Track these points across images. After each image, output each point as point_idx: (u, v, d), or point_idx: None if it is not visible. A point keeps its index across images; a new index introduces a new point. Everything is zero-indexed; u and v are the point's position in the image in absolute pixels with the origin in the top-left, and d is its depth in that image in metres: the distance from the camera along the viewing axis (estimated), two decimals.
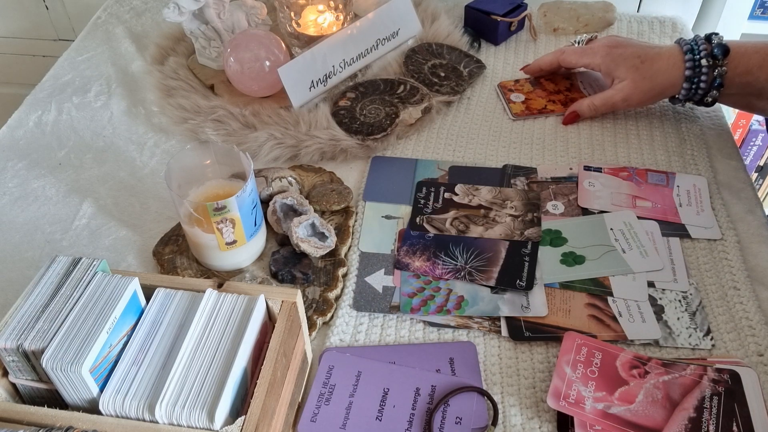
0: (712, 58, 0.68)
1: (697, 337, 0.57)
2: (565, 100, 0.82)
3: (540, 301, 0.60)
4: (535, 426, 0.52)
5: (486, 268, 0.63)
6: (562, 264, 0.63)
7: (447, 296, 0.61)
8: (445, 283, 0.62)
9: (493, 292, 0.61)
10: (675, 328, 0.58)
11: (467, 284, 0.62)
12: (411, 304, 0.60)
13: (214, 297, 0.48)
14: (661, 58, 0.71)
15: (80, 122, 0.83)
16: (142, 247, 0.68)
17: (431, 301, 0.60)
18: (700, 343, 0.57)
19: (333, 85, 0.82)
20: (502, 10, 0.91)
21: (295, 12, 0.83)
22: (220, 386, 0.43)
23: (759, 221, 0.68)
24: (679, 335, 0.57)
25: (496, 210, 0.68)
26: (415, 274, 0.63)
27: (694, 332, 0.58)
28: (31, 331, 0.43)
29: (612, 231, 0.66)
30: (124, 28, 0.99)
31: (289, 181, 0.69)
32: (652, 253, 0.64)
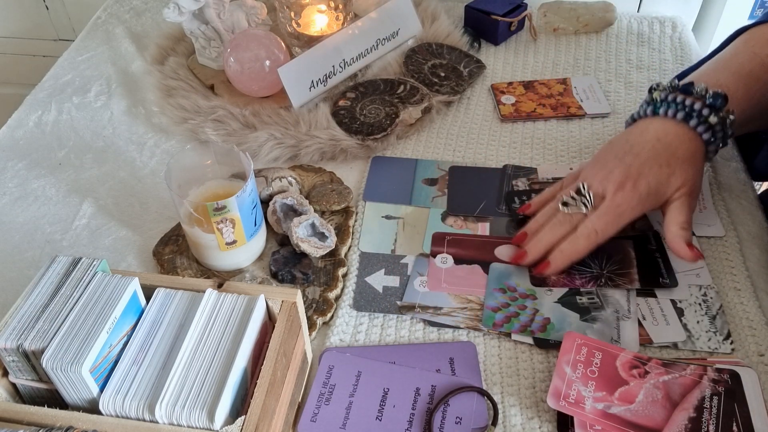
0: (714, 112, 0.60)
1: (717, 341, 0.57)
2: (556, 105, 0.82)
3: (632, 337, 0.57)
4: (535, 426, 0.52)
5: (623, 270, 0.62)
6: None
7: (532, 316, 0.58)
8: (532, 302, 0.60)
9: (582, 319, 0.58)
10: (694, 332, 0.57)
11: (553, 306, 0.59)
12: (494, 319, 0.59)
13: (214, 297, 0.48)
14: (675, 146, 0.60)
15: (80, 122, 0.83)
16: (142, 247, 0.68)
17: (515, 319, 0.58)
18: (719, 347, 0.56)
19: (333, 85, 0.82)
20: (502, 10, 0.91)
21: (295, 12, 0.83)
22: (220, 386, 0.43)
23: (759, 222, 0.68)
24: (698, 338, 0.57)
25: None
26: (502, 288, 0.61)
27: (714, 336, 0.57)
28: (31, 331, 0.43)
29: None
30: (124, 28, 0.99)
31: (289, 181, 0.69)
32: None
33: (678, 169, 0.59)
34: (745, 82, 0.63)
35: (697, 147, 0.61)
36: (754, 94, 0.63)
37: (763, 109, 0.65)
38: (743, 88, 0.63)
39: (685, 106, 0.61)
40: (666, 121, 0.61)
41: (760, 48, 0.65)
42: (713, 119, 0.60)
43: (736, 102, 0.62)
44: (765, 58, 0.64)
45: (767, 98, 0.64)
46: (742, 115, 0.63)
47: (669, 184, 0.59)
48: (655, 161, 0.59)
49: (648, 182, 0.59)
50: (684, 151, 0.60)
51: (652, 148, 0.60)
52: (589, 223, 0.59)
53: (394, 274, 0.63)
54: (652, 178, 0.59)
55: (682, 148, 0.60)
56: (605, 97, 0.84)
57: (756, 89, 0.63)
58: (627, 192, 0.59)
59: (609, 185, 0.60)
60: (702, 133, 0.60)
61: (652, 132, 0.61)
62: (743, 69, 0.64)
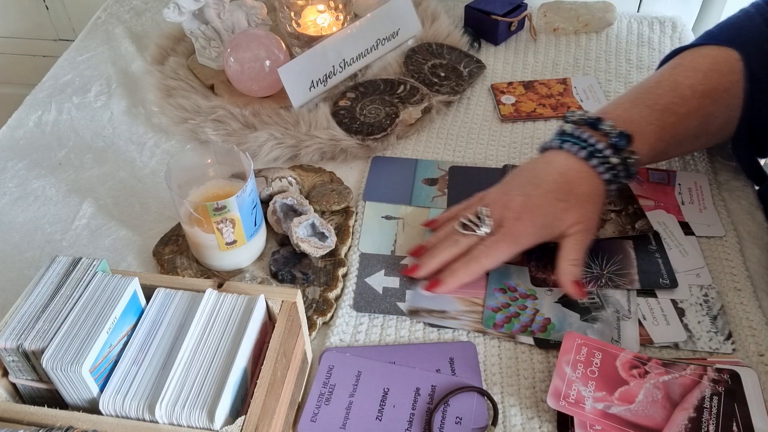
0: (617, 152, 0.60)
1: (718, 341, 0.57)
2: (556, 105, 0.82)
3: (632, 337, 0.57)
4: (535, 426, 0.52)
5: (624, 271, 0.62)
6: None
7: (533, 317, 0.59)
8: (532, 302, 0.60)
9: (582, 319, 0.58)
10: (695, 332, 0.57)
11: (554, 306, 0.60)
12: (494, 319, 0.59)
13: (214, 297, 0.48)
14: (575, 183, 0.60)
15: (80, 122, 0.83)
16: (142, 247, 0.68)
17: (515, 319, 0.59)
18: (720, 347, 0.56)
19: (333, 85, 0.82)
20: (502, 10, 0.91)
21: (295, 12, 0.83)
22: (220, 386, 0.43)
23: (759, 222, 0.68)
24: (699, 339, 0.57)
25: None
26: (502, 289, 0.61)
27: (714, 336, 0.57)
28: (31, 331, 0.43)
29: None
30: (124, 28, 0.99)
31: (289, 181, 0.69)
32: (691, 252, 0.64)
33: (575, 206, 0.59)
34: (659, 116, 0.62)
35: (598, 185, 0.60)
36: (668, 128, 0.63)
37: (677, 141, 0.65)
38: (656, 123, 0.62)
39: (590, 145, 0.60)
40: (570, 156, 0.61)
41: (684, 76, 0.64)
42: (614, 159, 0.60)
43: (645, 138, 0.61)
44: (686, 89, 0.63)
45: (682, 130, 0.64)
46: (652, 150, 0.62)
47: (564, 220, 0.59)
48: (554, 195, 0.60)
49: (545, 215, 0.59)
50: (584, 189, 0.60)
51: (554, 182, 0.60)
52: (484, 248, 0.60)
53: (394, 275, 0.63)
54: (548, 211, 0.59)
55: (583, 185, 0.60)
56: (605, 97, 0.84)
57: (670, 123, 0.63)
58: (524, 222, 0.59)
59: (508, 213, 0.60)
60: (602, 173, 0.60)
61: (555, 165, 0.61)
62: (660, 102, 0.63)
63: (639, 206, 0.68)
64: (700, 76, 0.64)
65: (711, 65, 0.64)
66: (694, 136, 0.66)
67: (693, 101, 0.63)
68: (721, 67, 0.64)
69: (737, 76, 0.64)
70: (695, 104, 0.63)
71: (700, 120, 0.64)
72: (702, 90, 0.63)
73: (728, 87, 0.64)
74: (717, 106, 0.64)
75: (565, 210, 0.59)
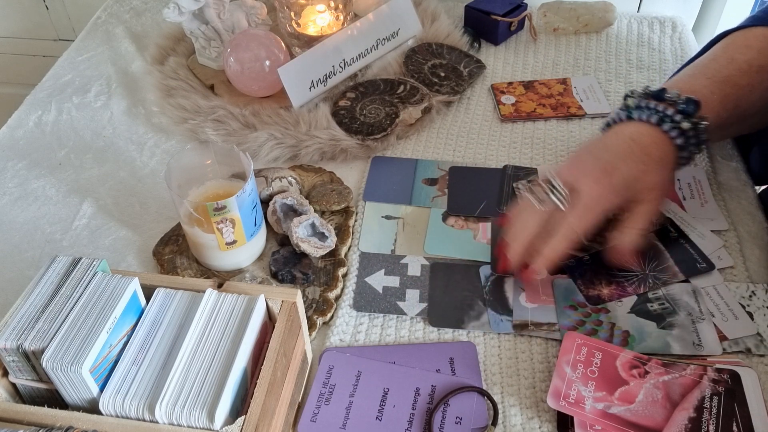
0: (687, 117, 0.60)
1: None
2: (556, 105, 0.82)
3: (712, 338, 0.56)
4: (535, 426, 0.52)
5: (663, 265, 0.62)
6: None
7: (611, 330, 0.57)
8: (605, 315, 0.59)
9: (659, 327, 0.57)
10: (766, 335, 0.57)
11: (628, 317, 0.58)
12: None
13: (214, 297, 0.48)
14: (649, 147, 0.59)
15: (80, 122, 0.83)
16: (142, 247, 0.68)
17: (595, 336, 0.57)
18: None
19: (333, 85, 0.82)
20: (502, 10, 0.91)
21: (295, 12, 0.83)
22: (220, 386, 0.43)
23: (759, 222, 0.68)
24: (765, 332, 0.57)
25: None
26: (572, 306, 0.60)
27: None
28: (31, 331, 0.43)
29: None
30: (124, 28, 0.99)
31: (289, 181, 0.69)
32: (707, 234, 0.65)
33: (653, 169, 0.59)
34: (720, 87, 0.62)
35: (670, 151, 0.60)
36: (731, 99, 0.62)
37: (741, 114, 0.64)
38: (719, 93, 0.62)
39: (659, 111, 0.60)
40: (640, 124, 0.61)
41: (738, 53, 0.65)
42: (685, 124, 0.59)
43: (710, 107, 0.61)
44: (742, 63, 0.63)
45: (745, 103, 0.63)
46: (718, 119, 0.62)
47: (643, 181, 0.58)
48: (630, 157, 0.59)
49: (623, 175, 0.58)
50: (658, 153, 0.59)
51: (627, 147, 0.60)
52: (567, 223, 0.58)
53: (394, 274, 0.63)
54: (627, 171, 0.58)
55: (657, 150, 0.59)
56: (605, 97, 0.84)
57: (732, 94, 0.63)
58: (602, 185, 0.58)
59: (584, 179, 0.58)
60: (675, 137, 0.59)
61: (627, 133, 0.61)
62: (720, 74, 0.63)
63: None
64: (753, 52, 0.64)
65: (763, 43, 0.65)
66: (759, 112, 0.65)
67: (752, 75, 0.63)
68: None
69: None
70: (755, 78, 0.63)
71: (762, 94, 0.64)
72: (759, 65, 0.63)
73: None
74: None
75: (644, 171, 0.58)
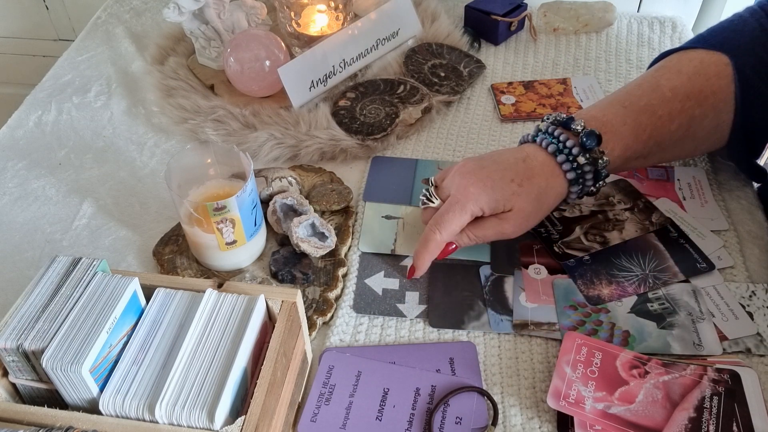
0: (585, 151, 0.59)
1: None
2: (556, 105, 0.82)
3: (712, 338, 0.56)
4: (535, 426, 0.52)
5: (663, 265, 0.62)
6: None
7: (611, 330, 0.57)
8: (606, 315, 0.59)
9: (660, 327, 0.57)
10: (766, 335, 0.57)
11: (628, 317, 0.58)
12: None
13: (214, 297, 0.48)
14: (536, 172, 0.59)
15: (80, 122, 0.83)
16: (142, 247, 0.68)
17: (595, 336, 0.57)
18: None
19: (333, 85, 0.82)
20: (502, 10, 0.91)
21: (295, 12, 0.83)
22: (220, 386, 0.43)
23: (759, 222, 0.68)
24: (765, 332, 0.57)
25: (609, 209, 0.67)
26: (572, 306, 0.60)
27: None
28: (31, 331, 0.43)
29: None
30: (124, 28, 0.99)
31: (289, 181, 0.69)
32: (707, 234, 0.65)
33: (525, 195, 0.58)
34: (635, 116, 0.61)
35: (559, 184, 0.60)
36: (645, 128, 0.61)
37: (658, 144, 0.63)
38: (632, 123, 0.61)
39: (559, 141, 0.60)
40: (539, 149, 0.61)
41: (665, 79, 0.63)
42: (582, 159, 0.59)
43: (619, 138, 0.60)
44: (667, 91, 0.62)
45: (662, 133, 0.62)
46: (627, 150, 0.61)
47: (510, 202, 0.59)
48: (510, 175, 0.59)
49: (494, 189, 0.58)
50: (543, 182, 0.59)
51: (514, 165, 0.60)
52: (432, 221, 0.60)
53: (394, 276, 0.63)
54: (499, 187, 0.59)
55: (543, 178, 0.59)
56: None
57: (648, 124, 0.61)
58: (473, 190, 0.59)
59: (461, 181, 0.60)
60: (567, 171, 0.59)
61: (524, 153, 0.61)
62: (639, 102, 0.62)
63: (647, 200, 0.68)
64: (683, 78, 0.63)
65: (696, 68, 0.63)
66: (679, 139, 0.64)
67: (675, 103, 0.62)
68: (708, 70, 0.63)
69: (726, 80, 0.62)
70: (677, 106, 0.62)
71: (684, 123, 0.62)
72: (685, 92, 0.62)
73: (715, 90, 0.62)
74: (702, 109, 0.62)
75: (514, 194, 0.59)
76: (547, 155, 0.60)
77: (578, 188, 0.60)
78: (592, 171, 0.59)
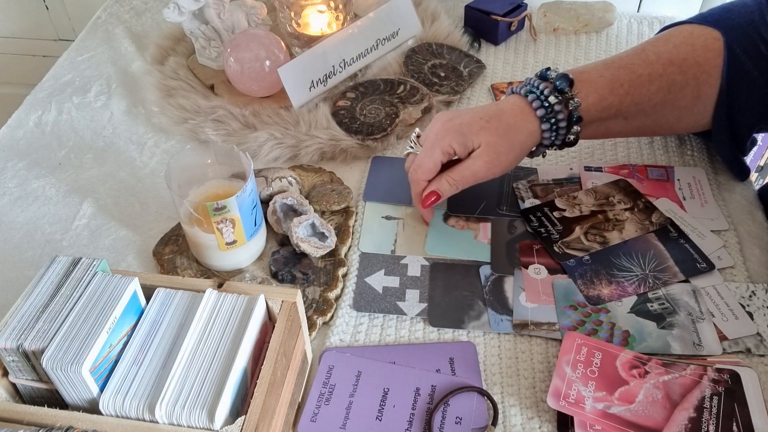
0: (558, 93, 0.61)
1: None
2: None
3: (712, 338, 0.56)
4: (535, 426, 0.52)
5: (663, 266, 0.62)
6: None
7: (611, 330, 0.57)
8: (606, 315, 0.59)
9: (660, 327, 0.57)
10: (766, 335, 0.57)
11: (628, 317, 0.58)
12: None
13: (214, 297, 0.48)
14: (505, 111, 0.62)
15: (80, 122, 0.83)
16: (142, 247, 0.68)
17: (595, 336, 0.57)
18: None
19: (333, 85, 0.82)
20: (502, 10, 0.91)
21: (295, 12, 0.83)
22: (220, 386, 0.43)
23: (759, 222, 0.68)
24: (765, 332, 0.57)
25: (609, 209, 0.68)
26: (572, 306, 0.59)
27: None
28: (31, 331, 0.43)
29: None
30: (124, 28, 0.99)
31: (289, 181, 0.69)
32: (707, 234, 0.65)
33: (492, 131, 0.61)
34: (613, 71, 0.63)
35: (529, 121, 0.62)
36: (622, 83, 0.63)
37: (636, 103, 0.64)
38: (609, 76, 0.63)
39: (533, 86, 0.63)
40: (515, 96, 0.64)
41: (652, 45, 0.65)
42: (552, 99, 0.61)
43: (593, 87, 0.62)
44: (651, 54, 0.64)
45: (640, 92, 0.63)
46: (602, 101, 0.63)
47: (475, 137, 0.61)
48: (480, 115, 0.62)
49: (462, 127, 0.62)
50: (512, 120, 0.62)
51: (487, 108, 0.64)
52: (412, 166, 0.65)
53: (394, 274, 0.63)
54: (467, 125, 0.62)
55: (512, 116, 0.62)
56: None
57: (625, 79, 0.63)
58: (443, 132, 0.62)
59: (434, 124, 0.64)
60: (536, 108, 0.62)
61: (500, 101, 0.65)
62: (620, 62, 0.64)
63: (647, 200, 0.68)
64: (669, 46, 0.65)
65: (685, 38, 0.65)
66: (659, 104, 0.65)
67: (657, 66, 0.63)
68: (696, 41, 0.64)
69: (713, 53, 0.63)
70: (659, 69, 0.63)
71: (664, 86, 0.63)
72: (668, 58, 0.64)
73: (700, 61, 0.63)
74: (684, 77, 0.63)
75: (481, 129, 0.61)
76: (520, 97, 0.63)
77: (550, 128, 0.62)
78: (563, 112, 0.62)
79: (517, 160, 0.64)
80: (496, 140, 0.61)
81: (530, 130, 0.62)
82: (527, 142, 0.63)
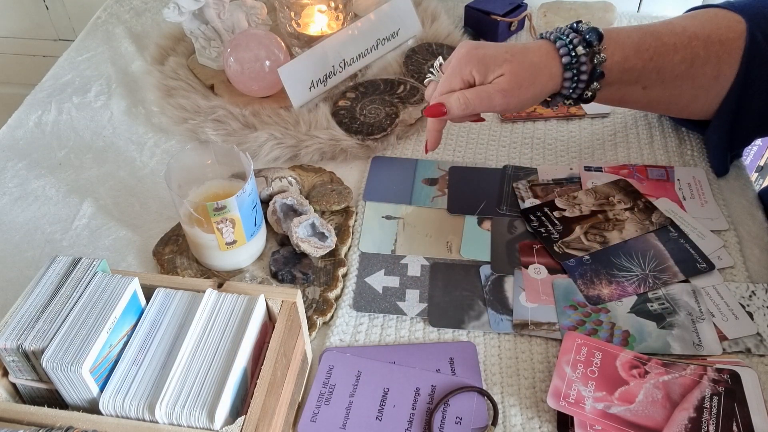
0: (586, 44, 0.62)
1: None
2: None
3: (712, 338, 0.56)
4: (535, 426, 0.52)
5: (663, 266, 0.62)
6: None
7: (611, 330, 0.57)
8: (606, 315, 0.59)
9: (660, 327, 0.57)
10: (766, 335, 0.57)
11: (628, 317, 0.58)
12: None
13: (214, 297, 0.48)
14: (531, 50, 0.63)
15: (80, 122, 0.83)
16: (142, 247, 0.68)
17: (595, 336, 0.57)
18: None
19: (333, 85, 0.82)
20: (502, 10, 0.92)
21: (295, 12, 0.83)
22: (220, 386, 0.43)
23: (759, 222, 0.68)
24: (764, 332, 0.57)
25: (610, 209, 0.68)
26: (572, 305, 0.59)
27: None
28: (31, 331, 0.43)
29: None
30: (124, 28, 0.99)
31: (289, 181, 0.69)
32: (707, 234, 0.65)
33: (515, 64, 0.61)
34: (641, 35, 0.64)
35: (553, 65, 0.62)
36: (647, 47, 0.64)
37: (658, 70, 0.65)
38: (636, 38, 0.64)
39: (564, 34, 0.63)
40: (544, 40, 0.65)
41: (680, 20, 0.67)
42: (580, 49, 0.62)
43: (621, 48, 0.63)
44: (677, 26, 0.65)
45: (664, 59, 0.64)
46: (626, 62, 0.64)
47: (497, 68, 0.61)
48: (505, 49, 0.63)
49: (486, 57, 0.62)
50: (536, 58, 0.62)
51: (514, 45, 0.64)
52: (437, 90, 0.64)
53: (394, 274, 0.63)
54: (492, 56, 0.62)
55: (536, 55, 0.62)
56: None
57: (651, 44, 0.64)
58: (467, 57, 0.62)
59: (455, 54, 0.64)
60: (563, 55, 0.62)
61: (529, 43, 0.65)
62: (649, 29, 0.65)
63: (647, 200, 0.68)
64: (696, 22, 0.66)
65: (710, 18, 0.66)
66: (680, 76, 0.65)
67: (683, 37, 0.64)
68: (721, 21, 0.65)
69: (735, 34, 0.64)
70: (684, 40, 0.64)
71: (687, 58, 0.64)
72: (694, 32, 0.65)
73: (723, 40, 0.64)
74: (707, 52, 0.64)
75: (504, 61, 0.62)
76: (548, 42, 0.64)
77: (571, 78, 0.63)
78: (587, 65, 0.62)
79: (534, 99, 0.64)
80: (520, 71, 0.61)
81: (553, 73, 0.63)
82: (548, 84, 0.63)
